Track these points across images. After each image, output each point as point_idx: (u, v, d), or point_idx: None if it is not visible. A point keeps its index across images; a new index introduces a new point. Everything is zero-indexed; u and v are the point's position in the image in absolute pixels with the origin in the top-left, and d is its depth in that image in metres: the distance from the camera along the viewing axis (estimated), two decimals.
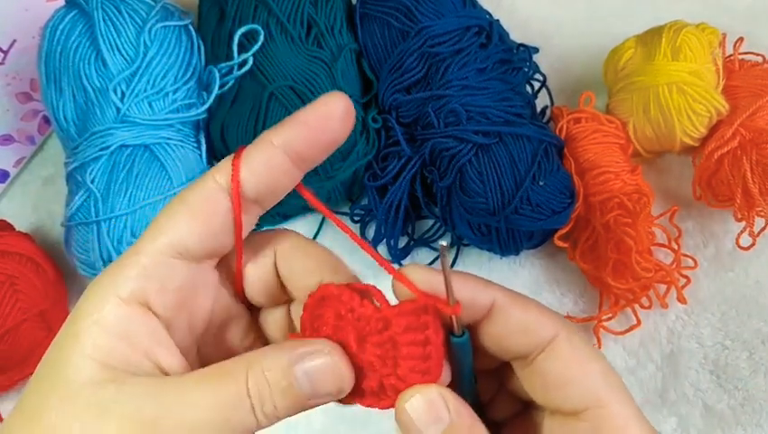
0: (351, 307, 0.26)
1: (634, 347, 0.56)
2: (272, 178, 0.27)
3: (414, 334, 0.25)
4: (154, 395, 0.23)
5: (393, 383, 0.26)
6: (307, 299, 0.28)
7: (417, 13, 0.56)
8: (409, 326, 0.25)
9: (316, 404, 0.25)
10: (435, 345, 0.25)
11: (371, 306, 0.26)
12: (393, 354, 0.26)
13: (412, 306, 0.26)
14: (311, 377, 0.24)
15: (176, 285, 0.26)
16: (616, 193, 0.54)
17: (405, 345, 0.25)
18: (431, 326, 0.25)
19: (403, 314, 0.26)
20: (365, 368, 0.26)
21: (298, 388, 0.24)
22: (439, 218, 0.58)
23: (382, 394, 0.26)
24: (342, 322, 0.27)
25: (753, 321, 0.55)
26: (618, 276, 0.53)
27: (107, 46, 0.53)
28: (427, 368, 0.25)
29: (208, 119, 0.58)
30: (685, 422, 0.53)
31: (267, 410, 0.24)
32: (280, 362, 0.24)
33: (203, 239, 0.26)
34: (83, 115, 0.54)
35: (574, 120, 0.58)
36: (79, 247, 0.53)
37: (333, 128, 0.26)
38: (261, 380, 0.24)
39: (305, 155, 0.27)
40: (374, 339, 0.26)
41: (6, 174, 0.63)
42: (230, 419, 0.23)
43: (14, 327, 0.52)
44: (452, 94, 0.54)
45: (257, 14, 0.57)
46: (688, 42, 0.56)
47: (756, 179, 0.52)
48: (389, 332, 0.26)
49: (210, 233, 0.26)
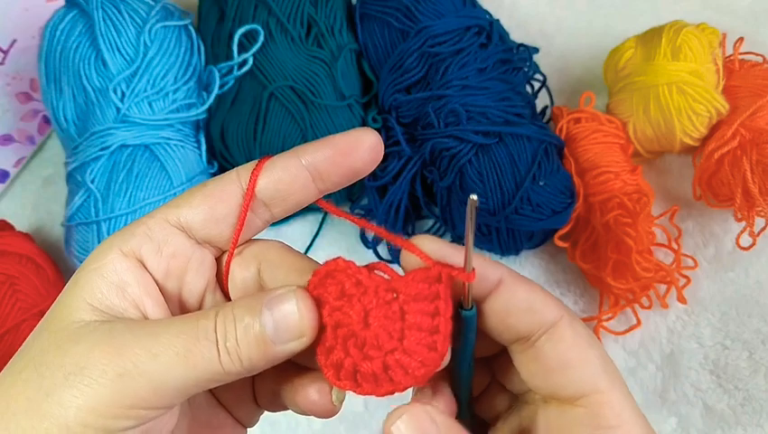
0: (357, 280, 0.26)
1: (634, 347, 0.56)
2: (289, 187, 0.28)
3: (424, 304, 0.25)
4: (129, 328, 0.25)
5: (398, 359, 0.25)
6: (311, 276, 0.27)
7: (417, 13, 0.56)
8: (419, 295, 0.25)
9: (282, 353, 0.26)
10: (444, 317, 0.25)
11: (380, 277, 0.26)
12: (400, 326, 0.25)
13: (424, 274, 0.25)
14: (275, 317, 0.25)
15: (171, 251, 0.28)
16: (616, 193, 0.54)
17: (413, 314, 0.25)
18: (442, 296, 0.25)
19: (414, 281, 0.25)
20: (367, 346, 0.26)
21: (261, 327, 0.25)
22: (439, 218, 0.58)
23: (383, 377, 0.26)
24: (346, 297, 0.26)
25: (753, 321, 0.55)
26: (618, 276, 0.53)
27: (107, 46, 0.53)
28: (434, 342, 0.25)
29: (208, 119, 0.58)
30: (685, 422, 0.53)
31: (230, 345, 0.25)
32: (249, 302, 0.26)
33: (207, 221, 0.28)
34: (83, 115, 0.54)
35: (574, 120, 0.58)
36: (79, 247, 0.53)
37: (359, 156, 0.28)
38: (228, 316, 0.25)
39: (325, 175, 0.28)
40: (381, 311, 0.26)
41: (6, 174, 0.63)
42: (192, 349, 0.24)
43: (14, 327, 0.52)
44: (452, 94, 0.54)
45: (257, 14, 0.57)
46: (688, 42, 0.56)
47: (756, 179, 0.52)
48: (398, 301, 0.25)
49: (214, 219, 0.28)
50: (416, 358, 0.25)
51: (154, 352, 0.24)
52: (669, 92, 0.55)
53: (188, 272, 0.28)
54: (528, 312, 0.26)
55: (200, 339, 0.25)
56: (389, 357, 0.25)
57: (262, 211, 0.29)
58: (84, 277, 0.27)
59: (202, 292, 0.29)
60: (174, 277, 0.28)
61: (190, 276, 0.29)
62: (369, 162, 0.28)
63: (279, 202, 0.28)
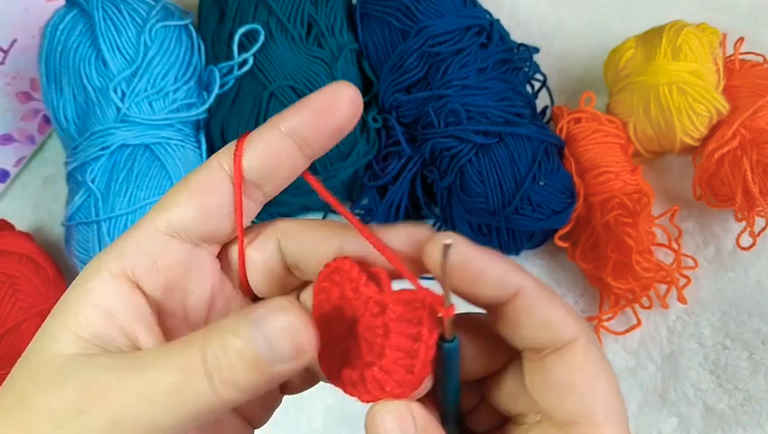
0: (355, 287, 0.25)
1: (634, 347, 0.56)
2: (275, 161, 0.26)
3: (406, 326, 0.24)
4: (114, 367, 0.23)
5: (375, 374, 0.24)
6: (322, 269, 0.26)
7: (418, 12, 0.56)
8: (403, 317, 0.24)
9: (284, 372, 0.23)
10: (425, 344, 0.24)
11: (374, 288, 0.25)
12: (382, 342, 0.24)
13: (409, 296, 0.25)
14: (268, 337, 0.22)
15: (168, 263, 0.26)
16: (617, 193, 0.54)
17: (395, 334, 0.24)
18: (425, 323, 0.24)
19: (399, 302, 0.24)
20: (351, 354, 0.25)
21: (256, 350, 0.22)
22: (439, 218, 0.58)
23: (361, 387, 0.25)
24: (343, 302, 0.26)
25: (753, 321, 0.55)
26: (618, 276, 0.53)
27: (107, 46, 0.53)
28: (412, 365, 0.24)
29: (208, 119, 0.58)
30: (685, 422, 0.53)
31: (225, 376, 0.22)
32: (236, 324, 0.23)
33: (200, 217, 0.26)
34: (83, 114, 0.54)
35: (574, 120, 0.58)
36: (80, 246, 0.53)
37: (339, 112, 0.26)
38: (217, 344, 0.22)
39: (310, 140, 0.26)
40: (367, 322, 0.25)
41: (6, 174, 0.63)
42: (183, 388, 0.22)
43: (13, 327, 0.52)
44: (452, 94, 0.54)
45: (258, 13, 0.57)
46: (688, 42, 0.56)
47: (756, 179, 0.52)
48: (384, 318, 0.25)
49: (207, 213, 0.26)
50: (393, 377, 0.24)
51: (145, 394, 0.22)
52: (669, 92, 0.55)
53: (190, 281, 0.27)
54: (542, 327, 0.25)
55: (189, 373, 0.22)
56: (368, 371, 0.25)
57: (254, 192, 0.27)
58: (68, 302, 0.25)
59: (208, 297, 0.28)
60: (175, 289, 0.26)
61: (192, 284, 0.27)
62: (352, 116, 0.26)
63: (269, 178, 0.26)
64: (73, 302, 0.25)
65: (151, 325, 0.25)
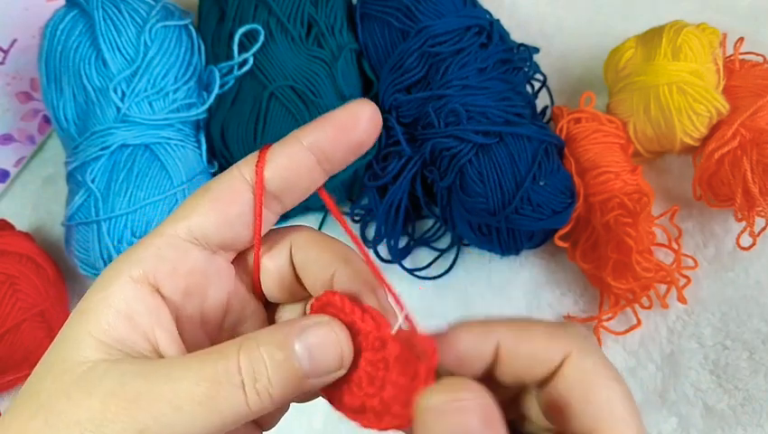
0: (351, 321, 0.26)
1: (634, 347, 0.56)
2: (295, 174, 0.27)
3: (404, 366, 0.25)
4: (142, 374, 0.23)
5: (374, 406, 0.25)
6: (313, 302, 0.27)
7: (418, 12, 0.56)
8: (401, 356, 0.25)
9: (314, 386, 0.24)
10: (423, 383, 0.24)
11: (372, 323, 0.26)
12: (383, 375, 0.25)
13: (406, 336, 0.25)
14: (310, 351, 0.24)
15: (187, 269, 0.26)
16: (616, 193, 0.54)
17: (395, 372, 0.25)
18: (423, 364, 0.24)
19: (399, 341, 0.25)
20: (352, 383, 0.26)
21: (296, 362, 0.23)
22: (439, 218, 0.58)
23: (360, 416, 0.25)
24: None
25: (753, 321, 0.55)
26: (618, 276, 0.53)
27: (107, 46, 0.53)
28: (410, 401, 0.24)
29: (208, 119, 0.58)
30: (685, 422, 0.53)
31: (261, 386, 0.23)
32: (277, 336, 0.24)
33: (220, 226, 0.26)
34: (83, 114, 0.54)
35: (574, 120, 0.58)
36: (80, 246, 0.53)
37: (360, 129, 0.26)
38: (255, 354, 0.23)
39: (330, 155, 0.27)
40: (369, 355, 0.25)
41: (6, 174, 0.63)
42: (215, 397, 0.23)
43: (13, 327, 0.52)
44: (452, 94, 0.54)
45: (258, 13, 0.57)
46: (688, 42, 0.56)
47: (756, 179, 0.52)
48: (384, 353, 0.25)
49: (228, 222, 0.27)
50: (392, 410, 0.25)
51: (175, 403, 0.22)
52: (669, 92, 0.55)
53: (208, 287, 0.27)
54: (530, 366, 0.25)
55: (222, 384, 0.23)
56: (368, 400, 0.25)
57: (273, 203, 0.27)
58: (89, 306, 0.25)
59: (225, 302, 0.28)
60: (194, 294, 0.27)
61: (210, 289, 0.27)
62: (372, 133, 0.27)
63: (288, 191, 0.27)
64: (94, 307, 0.25)
65: (171, 329, 0.26)
